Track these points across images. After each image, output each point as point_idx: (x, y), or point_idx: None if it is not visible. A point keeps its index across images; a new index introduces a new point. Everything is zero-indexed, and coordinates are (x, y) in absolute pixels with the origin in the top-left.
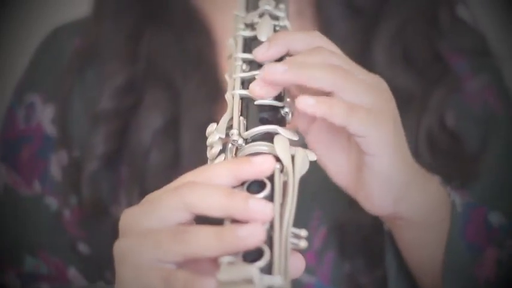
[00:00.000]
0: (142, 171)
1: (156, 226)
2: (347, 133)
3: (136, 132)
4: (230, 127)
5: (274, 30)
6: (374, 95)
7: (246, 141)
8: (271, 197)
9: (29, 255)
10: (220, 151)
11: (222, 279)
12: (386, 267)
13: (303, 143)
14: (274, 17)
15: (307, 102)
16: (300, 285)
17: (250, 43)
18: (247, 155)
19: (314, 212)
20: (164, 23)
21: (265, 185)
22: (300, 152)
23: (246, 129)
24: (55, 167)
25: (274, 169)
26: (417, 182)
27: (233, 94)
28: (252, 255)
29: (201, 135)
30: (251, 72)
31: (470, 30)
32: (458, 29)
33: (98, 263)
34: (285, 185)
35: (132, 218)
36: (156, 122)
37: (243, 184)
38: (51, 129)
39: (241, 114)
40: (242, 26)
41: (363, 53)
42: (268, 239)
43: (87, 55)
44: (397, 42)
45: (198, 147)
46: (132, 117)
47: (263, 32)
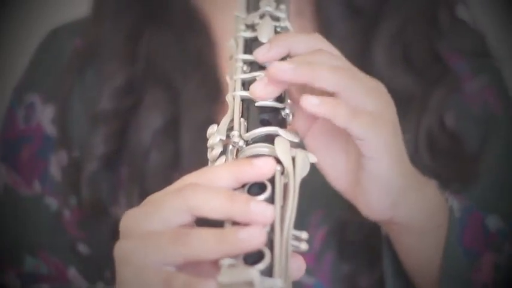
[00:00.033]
0: (142, 171)
1: (157, 228)
2: (346, 136)
3: (136, 133)
4: (231, 129)
5: (275, 32)
6: (375, 98)
7: (247, 143)
8: (272, 199)
9: (29, 255)
10: (221, 153)
11: (222, 282)
12: (384, 271)
13: (304, 144)
14: (275, 18)
15: (312, 102)
16: (299, 286)
17: (251, 44)
18: (248, 157)
19: (313, 212)
20: (164, 23)
21: (266, 187)
22: (300, 153)
23: (247, 131)
24: (55, 167)
25: (275, 171)
26: (415, 187)
27: (234, 95)
28: (252, 257)
29: (201, 136)
30: (252, 74)
31: (470, 30)
32: (458, 29)
33: (98, 263)
34: (285, 187)
35: (133, 219)
36: (156, 122)
37: (243, 186)
38: (51, 129)
39: (242, 116)
40: (243, 27)
41: (363, 53)
42: (268, 242)
43: (87, 55)
44: (396, 42)
45: (198, 148)
46: (131, 118)
47: (264, 33)
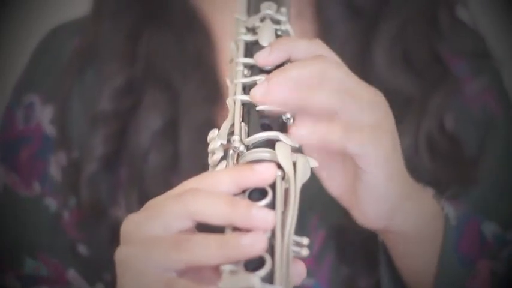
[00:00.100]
0: (141, 172)
1: (158, 233)
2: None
3: (135, 134)
4: (231, 133)
5: (276, 35)
6: (372, 111)
7: (248, 148)
8: (272, 205)
9: (28, 257)
10: (222, 157)
11: None
12: (380, 276)
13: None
14: (276, 21)
15: (301, 133)
16: (298, 287)
17: (251, 47)
18: (249, 162)
19: (312, 215)
20: (164, 23)
21: (267, 193)
22: (301, 159)
23: (248, 135)
24: (54, 167)
25: (276, 177)
26: (411, 196)
27: (234, 99)
28: (253, 263)
29: (200, 137)
30: (252, 78)
31: (470, 31)
32: (458, 30)
33: (97, 264)
34: (286, 193)
35: (134, 224)
36: (155, 123)
37: (244, 192)
38: (50, 130)
39: (243, 120)
40: (243, 30)
41: (363, 54)
42: (269, 248)
43: (86, 55)
44: (397, 43)
45: (197, 149)
46: (131, 119)
47: (264, 36)
